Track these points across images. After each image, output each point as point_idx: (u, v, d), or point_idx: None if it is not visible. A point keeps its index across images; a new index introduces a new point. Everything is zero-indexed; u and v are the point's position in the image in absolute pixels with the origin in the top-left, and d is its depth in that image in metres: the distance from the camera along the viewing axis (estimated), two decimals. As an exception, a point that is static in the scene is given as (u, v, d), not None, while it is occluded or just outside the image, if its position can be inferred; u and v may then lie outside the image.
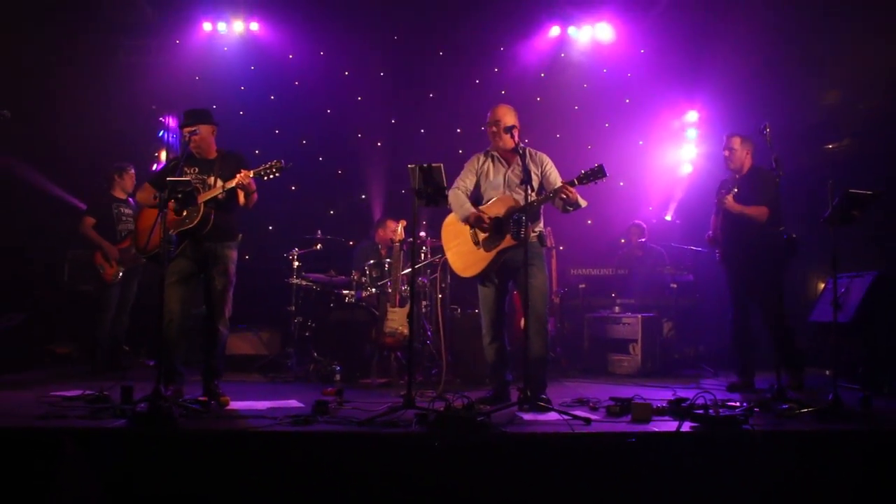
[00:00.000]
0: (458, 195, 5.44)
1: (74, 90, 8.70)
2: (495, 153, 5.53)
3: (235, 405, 5.09)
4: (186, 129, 5.36)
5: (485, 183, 5.50)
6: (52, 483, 3.67)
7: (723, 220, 6.48)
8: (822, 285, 7.57)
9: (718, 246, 6.59)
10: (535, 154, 5.53)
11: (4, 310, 7.63)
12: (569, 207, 5.22)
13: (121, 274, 7.25)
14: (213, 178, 5.26)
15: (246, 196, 5.24)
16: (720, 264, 6.63)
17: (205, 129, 5.39)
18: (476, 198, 5.51)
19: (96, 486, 3.72)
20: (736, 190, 6.20)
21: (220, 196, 5.18)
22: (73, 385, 5.58)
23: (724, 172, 6.68)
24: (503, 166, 5.48)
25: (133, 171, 7.47)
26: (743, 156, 6.40)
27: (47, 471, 3.71)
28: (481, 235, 5.35)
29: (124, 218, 7.35)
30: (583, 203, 5.22)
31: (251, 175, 5.13)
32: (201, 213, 5.14)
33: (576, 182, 5.08)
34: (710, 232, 6.66)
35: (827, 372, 7.12)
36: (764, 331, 6.38)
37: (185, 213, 5.16)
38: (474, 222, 5.31)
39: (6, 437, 3.90)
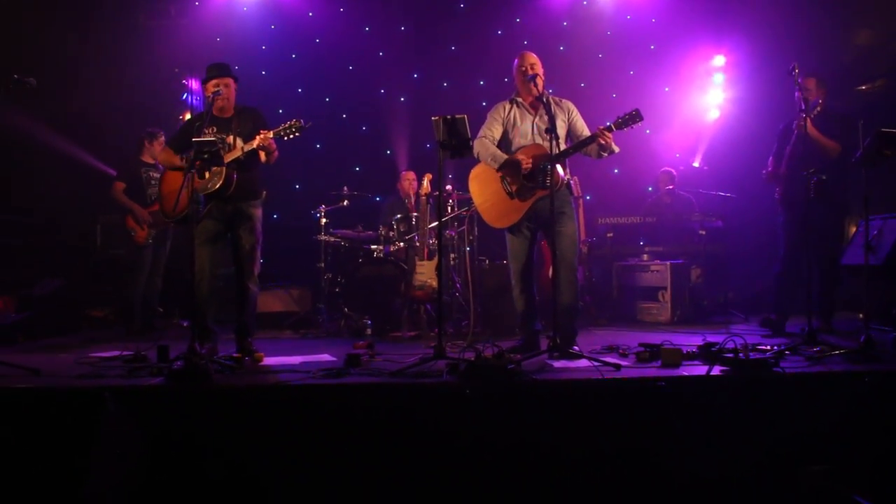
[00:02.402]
0: (485, 144, 5.41)
1: (97, 56, 8.75)
2: (520, 101, 5.49)
3: (269, 361, 5.16)
4: (216, 82, 5.29)
5: (512, 131, 5.46)
6: (95, 438, 3.77)
7: (791, 155, 6.25)
8: (854, 228, 7.46)
9: (778, 183, 6.44)
10: (561, 101, 5.49)
11: (41, 277, 7.78)
12: (603, 153, 5.23)
13: (152, 236, 7.34)
14: (231, 138, 5.23)
15: (267, 155, 5.24)
16: (778, 204, 6.48)
17: (232, 83, 5.38)
18: (504, 147, 5.46)
19: (137, 441, 3.82)
20: (818, 110, 5.94)
21: (241, 157, 5.16)
22: (110, 347, 5.67)
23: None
24: (530, 114, 5.44)
25: (163, 137, 7.49)
26: (819, 97, 6.18)
27: (90, 426, 3.80)
28: (514, 185, 5.33)
29: (153, 182, 7.41)
30: (616, 149, 5.22)
31: (271, 136, 5.12)
32: (224, 174, 5.13)
33: (613, 127, 5.08)
34: (771, 169, 6.49)
35: (860, 315, 7.08)
36: (805, 276, 6.32)
37: (207, 176, 5.17)
38: (511, 168, 5.28)
39: (50, 396, 4.01)
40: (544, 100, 5.20)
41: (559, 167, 5.12)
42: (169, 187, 5.44)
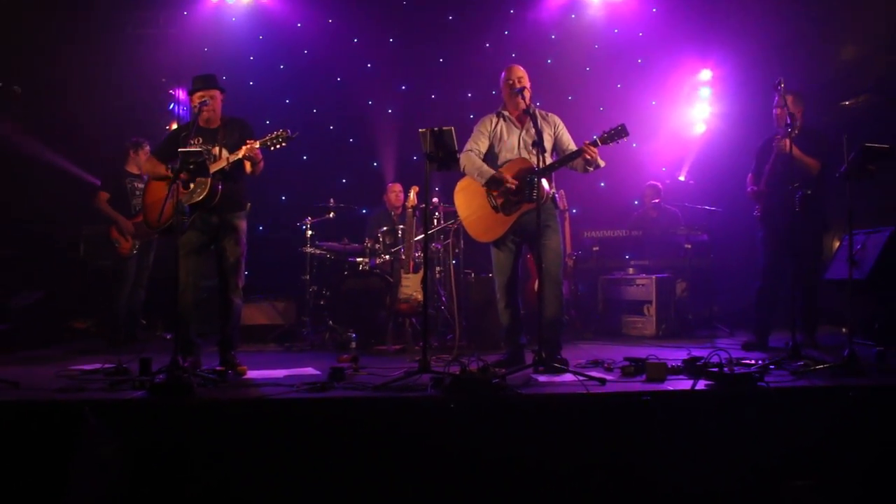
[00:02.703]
0: (472, 158, 5.40)
1: (84, 65, 8.69)
2: (507, 114, 5.49)
3: (252, 374, 5.13)
4: (201, 94, 5.27)
5: (499, 145, 5.46)
6: (74, 453, 3.73)
7: (770, 173, 6.29)
8: (837, 243, 7.51)
9: (758, 200, 6.47)
10: (548, 115, 5.51)
11: (23, 287, 7.71)
12: (589, 168, 5.23)
13: (136, 248, 7.29)
14: (217, 149, 5.20)
15: (252, 165, 5.20)
16: (758, 221, 6.51)
17: (218, 95, 5.36)
18: (490, 160, 5.46)
19: (117, 456, 3.77)
20: (796, 132, 5.95)
21: (226, 168, 5.14)
22: (92, 359, 5.63)
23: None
24: (517, 128, 5.44)
25: (148, 147, 7.43)
26: (796, 114, 6.20)
27: (69, 442, 3.76)
28: (499, 199, 5.33)
29: (138, 192, 7.36)
30: (602, 163, 5.21)
31: (257, 146, 5.09)
32: (209, 185, 5.09)
33: (598, 142, 5.10)
34: (753, 186, 6.51)
35: (843, 329, 7.11)
36: (785, 291, 6.35)
37: (192, 186, 5.13)
38: (496, 185, 5.28)
39: (28, 410, 3.96)
40: (531, 113, 5.20)
41: (545, 181, 5.12)
42: (153, 197, 5.40)
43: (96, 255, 7.76)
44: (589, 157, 5.10)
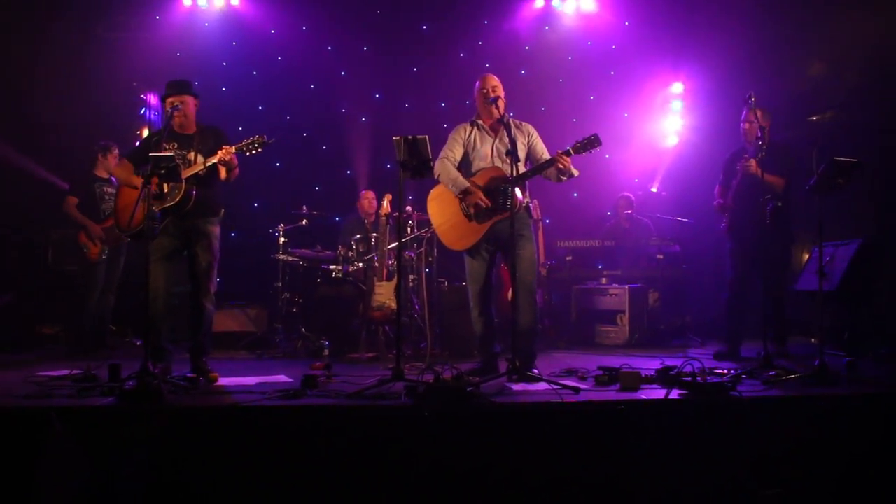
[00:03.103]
0: (446, 166, 5.39)
1: (54, 68, 8.58)
2: (481, 123, 5.50)
3: (224, 381, 5.07)
4: (172, 100, 5.24)
5: (472, 153, 5.46)
6: (39, 461, 3.66)
7: (738, 189, 6.34)
8: (807, 255, 7.61)
9: (727, 214, 6.52)
10: (521, 124, 5.52)
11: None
12: (562, 177, 5.23)
13: (105, 253, 7.19)
14: (193, 154, 5.18)
15: (228, 171, 5.18)
16: (725, 234, 6.57)
17: (190, 101, 5.32)
18: (463, 168, 5.46)
19: (84, 464, 3.71)
20: (762, 155, 5.82)
21: (201, 172, 5.11)
22: (61, 365, 5.54)
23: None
24: (490, 136, 5.44)
25: (117, 150, 7.37)
26: (759, 128, 6.14)
27: (34, 449, 3.69)
28: (472, 208, 5.32)
29: (107, 197, 7.28)
30: (575, 172, 5.22)
31: (233, 150, 5.06)
32: (182, 190, 5.05)
33: (571, 151, 5.12)
34: (720, 199, 6.57)
35: (813, 340, 7.20)
36: (753, 301, 6.43)
37: (165, 191, 5.08)
38: (470, 201, 5.27)
39: (-7, 416, 3.89)
40: (505, 122, 5.22)
41: (518, 190, 5.13)
42: (125, 201, 5.34)
43: (64, 260, 7.65)
44: (562, 166, 5.11)
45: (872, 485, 3.99)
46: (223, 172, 5.17)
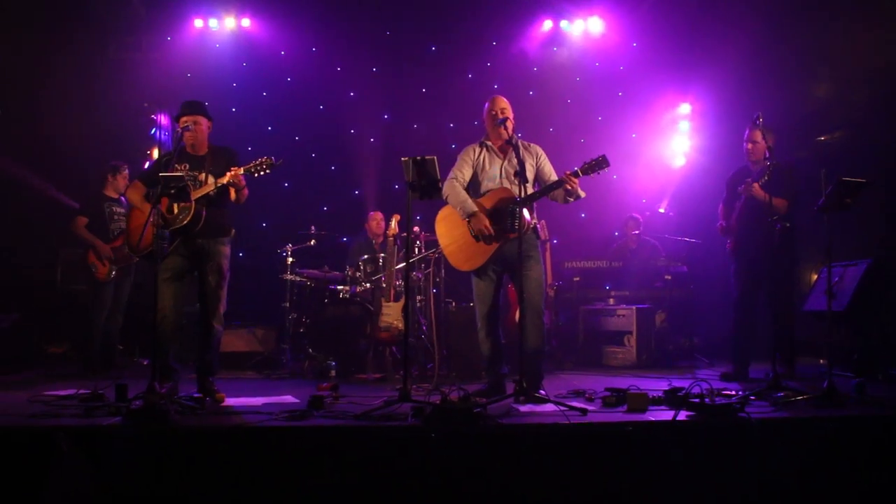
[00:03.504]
0: (455, 187, 5.39)
1: (66, 88, 8.67)
2: (490, 144, 5.52)
3: (230, 401, 5.06)
4: (185, 119, 5.26)
5: (481, 174, 5.47)
6: (46, 481, 3.65)
7: (742, 210, 6.36)
8: (815, 276, 7.59)
9: (731, 235, 6.54)
10: (530, 146, 5.52)
11: (-3, 311, 7.62)
12: (569, 198, 5.23)
13: (114, 273, 7.21)
14: (204, 175, 5.20)
15: (236, 192, 5.19)
16: (730, 254, 6.57)
17: (203, 122, 5.35)
18: (472, 189, 5.47)
19: (91, 484, 3.70)
20: (766, 178, 5.92)
21: (211, 193, 5.13)
22: (68, 384, 5.55)
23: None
24: (499, 158, 5.45)
25: (127, 171, 7.41)
26: (765, 148, 6.20)
27: (41, 469, 3.68)
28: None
29: (116, 217, 7.31)
30: (582, 194, 5.23)
31: (241, 172, 5.08)
32: (192, 210, 5.07)
33: (580, 173, 5.10)
34: (723, 221, 6.60)
35: (822, 361, 7.16)
36: (761, 322, 6.41)
37: (176, 211, 5.10)
38: (475, 226, 5.26)
39: (0, 436, 3.88)
40: (513, 143, 5.23)
41: (525, 211, 5.13)
42: (135, 222, 5.36)
43: (73, 279, 7.68)
44: (570, 187, 5.12)
45: (883, 508, 3.95)
46: (233, 194, 5.19)
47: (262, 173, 5.11)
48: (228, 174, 5.06)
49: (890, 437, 4.14)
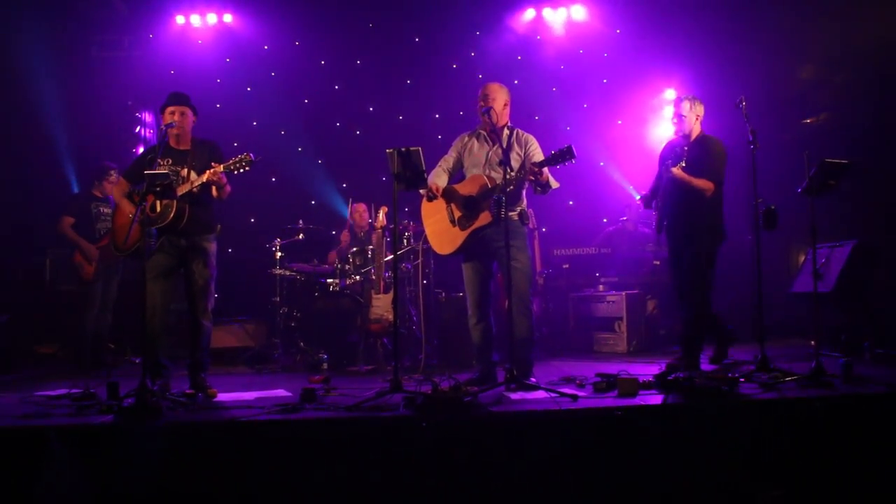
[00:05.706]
0: (436, 171, 5.45)
1: (48, 87, 8.61)
2: (483, 132, 5.51)
3: (223, 397, 5.07)
4: (172, 109, 5.23)
5: (467, 160, 5.50)
6: (38, 481, 3.65)
7: (665, 189, 5.82)
8: (803, 257, 7.63)
9: (649, 207, 6.07)
10: (522, 135, 5.49)
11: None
12: (538, 188, 5.18)
13: (100, 272, 7.19)
14: (186, 170, 5.16)
15: (218, 190, 5.15)
16: (660, 236, 6.12)
17: (189, 114, 5.32)
18: (460, 175, 5.50)
19: (83, 483, 3.71)
20: (684, 163, 5.57)
21: (194, 190, 5.08)
22: (58, 384, 5.51)
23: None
24: (488, 145, 5.45)
25: (115, 175, 7.23)
26: (692, 121, 5.79)
27: (32, 469, 3.69)
28: (457, 213, 5.34)
29: (103, 217, 7.28)
30: (554, 184, 5.18)
31: (221, 169, 5.02)
32: (175, 208, 5.04)
33: (544, 163, 5.02)
34: (647, 192, 6.09)
35: (812, 342, 7.20)
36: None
37: (159, 209, 5.08)
38: (452, 196, 5.32)
39: (-8, 437, 3.89)
40: (496, 131, 5.24)
41: (504, 199, 5.06)
42: (121, 221, 5.35)
43: (62, 279, 7.66)
44: (532, 177, 5.05)
45: (871, 486, 3.99)
46: (214, 191, 5.16)
47: (241, 171, 5.04)
48: (208, 172, 4.99)
49: (877, 415, 4.18)
